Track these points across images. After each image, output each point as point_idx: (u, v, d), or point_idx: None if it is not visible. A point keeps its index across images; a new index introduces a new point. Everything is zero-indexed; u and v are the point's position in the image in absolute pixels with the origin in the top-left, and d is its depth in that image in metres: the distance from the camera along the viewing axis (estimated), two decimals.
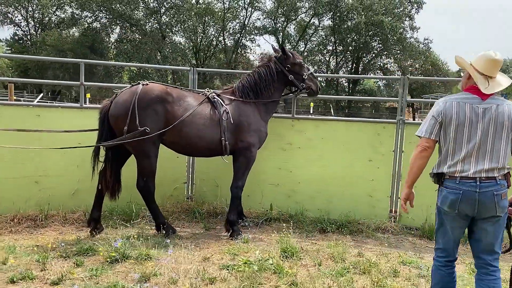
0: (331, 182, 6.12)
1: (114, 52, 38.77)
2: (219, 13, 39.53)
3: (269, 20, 41.00)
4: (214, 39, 41.54)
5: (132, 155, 5.28)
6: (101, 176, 5.17)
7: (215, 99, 5.35)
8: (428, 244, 5.55)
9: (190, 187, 6.49)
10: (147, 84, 5.13)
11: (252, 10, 40.86)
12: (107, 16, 38.38)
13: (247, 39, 41.62)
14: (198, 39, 40.21)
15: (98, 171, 5.20)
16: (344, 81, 42.63)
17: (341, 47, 40.82)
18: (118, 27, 39.20)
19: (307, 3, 40.43)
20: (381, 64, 41.76)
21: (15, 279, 3.82)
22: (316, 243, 5.26)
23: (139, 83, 5.15)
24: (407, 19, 39.58)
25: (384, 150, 6.01)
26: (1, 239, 4.93)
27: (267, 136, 5.63)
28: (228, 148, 5.32)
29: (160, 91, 5.09)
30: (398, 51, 39.77)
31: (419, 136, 3.18)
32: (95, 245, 4.63)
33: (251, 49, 42.51)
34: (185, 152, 5.54)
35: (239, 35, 40.95)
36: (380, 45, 39.71)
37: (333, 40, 40.42)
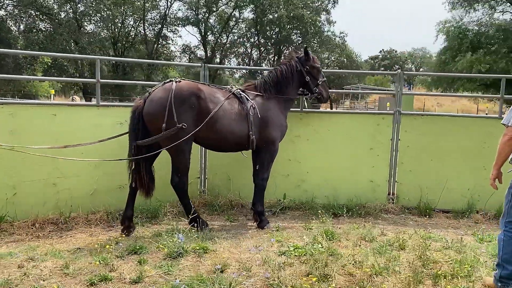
0: (337, 170, 6.59)
1: (24, 43, 35.70)
2: (137, 3, 38.24)
3: (191, 11, 40.52)
4: (133, 29, 40.17)
5: (162, 152, 5.30)
6: (135, 174, 5.12)
7: (241, 95, 5.52)
8: (428, 221, 6.28)
9: (203, 181, 6.58)
10: (180, 81, 5.16)
11: (172, 1, 40.13)
12: (15, 3, 35.25)
13: (169, 30, 40.80)
14: (116, 30, 38.64)
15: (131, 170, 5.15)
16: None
17: (263, 40, 41.66)
18: (27, 15, 36.18)
19: None
20: None
21: (95, 281, 3.76)
22: (338, 227, 5.70)
23: (171, 81, 5.17)
24: (324, 13, 41.49)
25: (383, 139, 6.61)
26: (34, 245, 4.71)
27: (287, 129, 5.91)
28: (255, 142, 5.53)
29: (193, 88, 5.15)
30: (316, 44, 41.57)
31: (505, 125, 3.56)
32: (146, 242, 4.67)
33: (172, 40, 41.77)
34: (214, 147, 5.65)
35: (160, 26, 39.97)
36: (300, 38, 41.20)
37: (255, 32, 41.08)
